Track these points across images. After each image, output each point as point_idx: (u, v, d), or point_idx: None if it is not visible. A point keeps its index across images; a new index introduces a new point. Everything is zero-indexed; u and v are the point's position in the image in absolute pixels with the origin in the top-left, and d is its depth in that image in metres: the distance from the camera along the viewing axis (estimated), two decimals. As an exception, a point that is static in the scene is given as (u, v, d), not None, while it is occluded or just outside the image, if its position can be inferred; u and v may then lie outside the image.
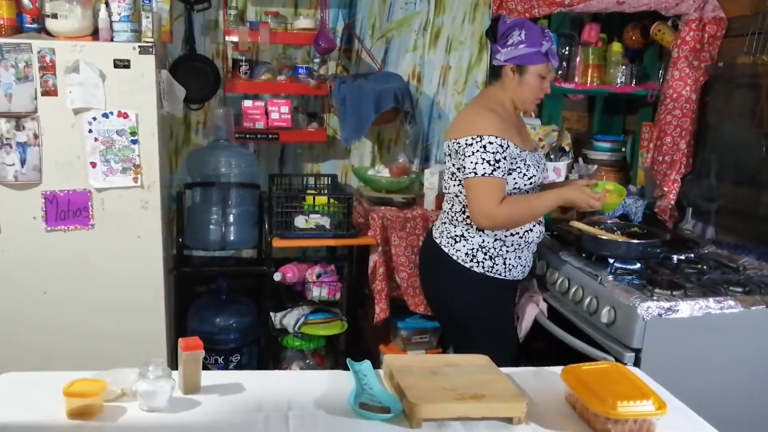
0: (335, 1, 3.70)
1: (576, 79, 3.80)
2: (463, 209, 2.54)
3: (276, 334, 3.46)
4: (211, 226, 3.37)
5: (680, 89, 3.29)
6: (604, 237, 2.76)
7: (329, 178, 3.79)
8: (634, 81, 3.75)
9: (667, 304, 2.32)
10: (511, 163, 2.43)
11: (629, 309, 2.34)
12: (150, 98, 2.85)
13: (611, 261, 2.65)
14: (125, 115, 2.83)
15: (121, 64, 2.79)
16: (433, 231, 2.68)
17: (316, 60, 3.60)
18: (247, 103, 3.49)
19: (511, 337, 2.79)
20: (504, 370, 1.78)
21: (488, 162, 2.37)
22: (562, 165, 3.83)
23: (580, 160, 3.88)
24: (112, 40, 2.81)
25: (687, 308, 2.34)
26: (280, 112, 3.49)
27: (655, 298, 2.35)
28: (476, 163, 2.38)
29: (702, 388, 2.16)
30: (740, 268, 2.72)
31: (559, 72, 3.84)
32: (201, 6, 3.53)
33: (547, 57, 2.49)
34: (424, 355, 3.44)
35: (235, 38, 3.46)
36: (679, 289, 2.41)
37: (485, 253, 2.53)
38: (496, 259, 2.53)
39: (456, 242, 2.55)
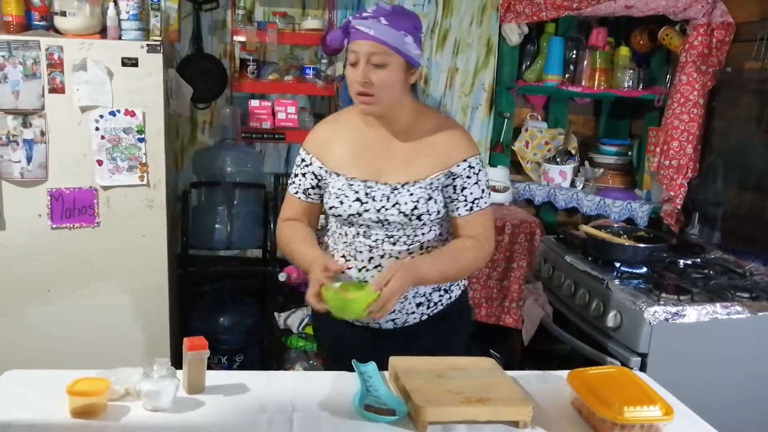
0: (343, 1, 3.70)
1: (583, 83, 3.79)
2: None
3: (280, 334, 3.46)
4: (216, 226, 3.37)
5: (687, 94, 3.28)
6: (610, 241, 2.75)
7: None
8: (641, 85, 3.74)
9: (673, 309, 2.31)
10: (324, 185, 2.00)
11: (636, 313, 2.33)
12: (157, 97, 2.85)
13: (617, 265, 2.64)
14: (132, 114, 2.83)
15: (129, 62, 2.79)
16: None
17: (324, 60, 3.60)
18: (254, 102, 3.49)
19: None
20: (510, 373, 1.77)
21: (291, 174, 2.07)
22: (569, 168, 3.82)
23: (587, 163, 3.87)
24: (120, 38, 2.81)
25: (694, 313, 2.33)
26: (287, 112, 3.49)
27: (661, 302, 2.34)
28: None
29: (709, 394, 2.15)
30: (747, 274, 2.71)
31: (566, 75, 3.84)
32: (209, 5, 3.54)
33: (346, 38, 1.89)
34: (429, 357, 3.43)
35: (242, 38, 3.46)
36: (685, 294, 2.39)
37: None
38: None
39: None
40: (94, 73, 2.76)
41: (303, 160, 2.02)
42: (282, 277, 3.30)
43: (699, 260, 2.84)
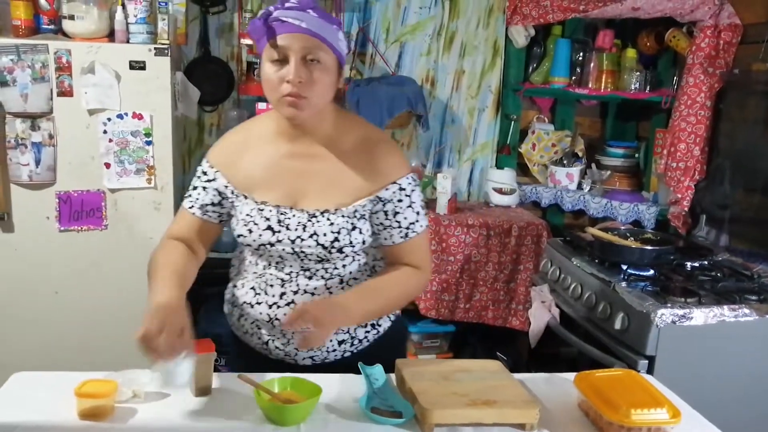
0: (350, 4, 3.71)
1: (590, 85, 3.79)
2: None
3: (286, 336, 3.45)
4: (224, 228, 3.37)
5: (695, 96, 3.27)
6: (617, 243, 2.75)
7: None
8: (648, 87, 3.73)
9: (681, 312, 2.30)
10: (228, 206, 1.77)
11: (643, 316, 2.32)
12: (164, 100, 2.86)
13: (624, 267, 2.63)
14: (140, 117, 2.84)
15: (137, 65, 2.81)
16: None
17: (330, 63, 3.60)
18: (261, 105, 3.49)
19: None
20: (516, 376, 1.77)
21: (189, 187, 1.80)
22: (575, 171, 3.82)
23: (593, 165, 3.87)
24: (127, 41, 2.82)
25: (701, 316, 2.32)
26: (294, 115, 3.49)
27: (668, 305, 2.33)
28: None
29: (716, 397, 2.14)
30: (755, 276, 2.70)
31: (573, 78, 3.83)
32: (216, 9, 3.55)
33: (267, 31, 1.55)
34: (436, 359, 3.43)
35: (249, 41, 3.47)
36: (693, 297, 2.39)
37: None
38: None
39: None
40: (102, 77, 2.78)
41: (205, 173, 1.75)
42: (289, 279, 3.30)
43: (706, 262, 2.83)
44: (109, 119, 2.82)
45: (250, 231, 1.69)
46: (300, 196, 1.69)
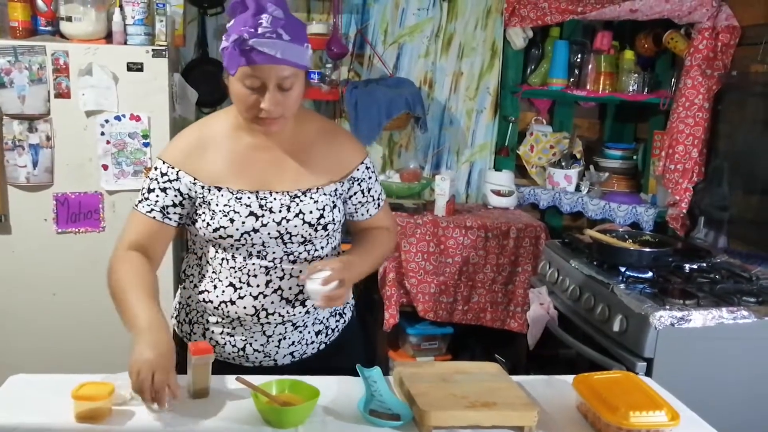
0: (348, 6, 3.71)
1: (588, 87, 3.79)
2: None
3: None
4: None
5: (693, 98, 3.28)
6: (615, 245, 2.75)
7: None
8: (646, 89, 3.74)
9: (679, 314, 2.30)
10: (195, 204, 1.73)
11: (641, 318, 2.32)
12: (162, 101, 2.86)
13: (623, 269, 2.63)
14: (137, 118, 2.84)
15: (134, 67, 2.81)
16: None
17: (329, 65, 3.61)
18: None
19: None
20: (515, 378, 1.77)
21: (142, 190, 1.76)
22: (573, 173, 3.82)
23: (592, 167, 3.87)
24: (125, 43, 2.82)
25: (700, 318, 2.31)
26: (292, 116, 3.49)
27: (667, 307, 2.33)
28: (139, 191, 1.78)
29: (715, 399, 2.14)
30: (753, 278, 2.69)
31: (571, 79, 3.84)
32: (214, 10, 3.55)
33: (239, 58, 1.56)
34: (434, 362, 3.42)
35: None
36: (691, 299, 2.38)
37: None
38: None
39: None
40: (99, 78, 2.78)
41: (164, 174, 1.71)
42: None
43: (705, 264, 2.83)
44: (106, 121, 2.82)
45: (232, 221, 1.68)
46: (274, 183, 1.72)
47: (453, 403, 1.57)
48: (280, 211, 1.70)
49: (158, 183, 1.72)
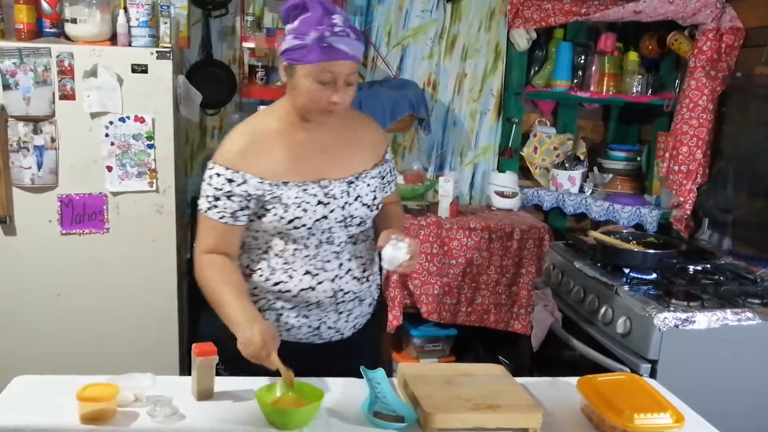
0: (351, 8, 3.71)
1: (592, 88, 3.79)
2: None
3: (288, 340, 3.45)
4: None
5: (697, 99, 3.27)
6: (619, 246, 2.74)
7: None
8: (650, 90, 3.73)
9: (683, 315, 2.30)
10: (263, 203, 1.82)
11: (645, 320, 2.32)
12: (167, 103, 2.86)
13: (627, 271, 2.63)
14: (142, 120, 2.84)
15: (139, 68, 2.81)
16: None
17: (331, 66, 3.60)
18: (263, 108, 3.49)
19: None
20: (519, 380, 1.77)
21: (207, 197, 1.82)
22: (577, 174, 3.82)
23: (595, 169, 3.87)
24: (130, 45, 2.83)
25: (704, 319, 2.31)
26: (295, 118, 3.49)
27: (671, 308, 2.33)
28: (202, 196, 1.84)
29: (719, 401, 2.13)
30: (758, 280, 2.69)
31: (575, 81, 3.83)
32: (218, 12, 3.55)
33: (320, 54, 1.69)
34: (438, 363, 3.42)
35: (251, 44, 3.47)
36: (696, 300, 2.38)
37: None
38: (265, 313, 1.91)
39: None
40: (104, 80, 2.78)
41: (231, 181, 1.78)
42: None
43: (709, 266, 2.83)
44: (111, 122, 2.82)
45: (305, 210, 1.80)
46: (331, 172, 1.86)
47: (457, 405, 1.57)
48: (342, 197, 1.85)
49: (223, 191, 1.79)
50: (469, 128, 4.00)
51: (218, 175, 1.79)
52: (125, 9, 2.81)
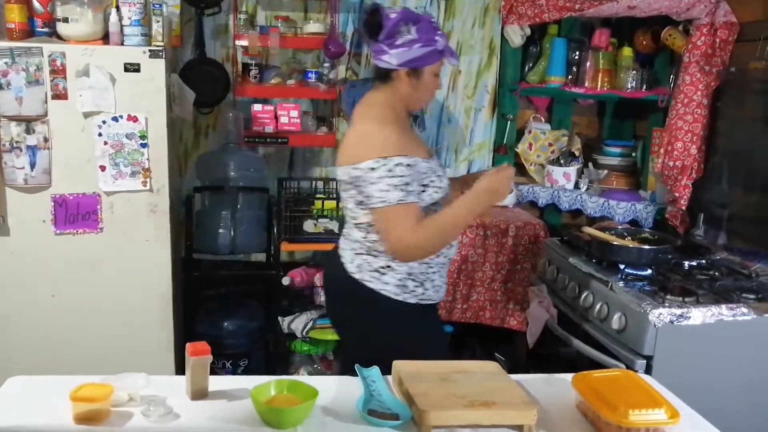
0: (345, 5, 3.70)
1: (586, 84, 3.79)
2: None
3: (285, 338, 3.46)
4: (220, 230, 3.37)
5: (691, 94, 3.27)
6: (614, 242, 2.75)
7: (338, 183, 3.79)
8: (644, 86, 3.73)
9: (678, 311, 2.30)
10: (423, 179, 2.09)
11: (640, 315, 2.32)
12: (160, 102, 2.85)
13: (622, 267, 2.63)
14: (135, 119, 2.83)
15: (132, 67, 2.80)
16: (346, 264, 2.21)
17: (326, 64, 3.60)
18: (257, 107, 3.49)
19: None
20: (514, 376, 1.77)
21: (398, 187, 2.00)
22: (572, 170, 3.81)
23: (590, 165, 3.86)
24: (122, 44, 2.81)
25: (699, 315, 2.32)
26: (290, 116, 3.49)
27: (666, 304, 2.33)
28: (385, 191, 2.00)
29: (714, 396, 2.14)
30: (753, 275, 2.70)
31: (569, 77, 3.83)
32: (211, 10, 3.53)
33: (443, 54, 2.15)
34: (433, 361, 3.42)
35: (245, 42, 3.46)
36: (691, 296, 2.38)
37: (414, 280, 2.16)
38: (426, 283, 2.18)
39: (383, 275, 2.14)
40: (96, 79, 2.77)
41: (409, 165, 2.04)
42: (286, 281, 3.30)
43: (704, 262, 2.83)
44: (104, 122, 2.81)
45: (442, 179, 2.17)
46: (425, 151, 2.19)
47: (452, 403, 1.57)
48: (441, 167, 2.23)
49: (406, 177, 2.02)
50: (464, 125, 4.00)
51: (399, 165, 2.01)
52: (117, 8, 2.79)
